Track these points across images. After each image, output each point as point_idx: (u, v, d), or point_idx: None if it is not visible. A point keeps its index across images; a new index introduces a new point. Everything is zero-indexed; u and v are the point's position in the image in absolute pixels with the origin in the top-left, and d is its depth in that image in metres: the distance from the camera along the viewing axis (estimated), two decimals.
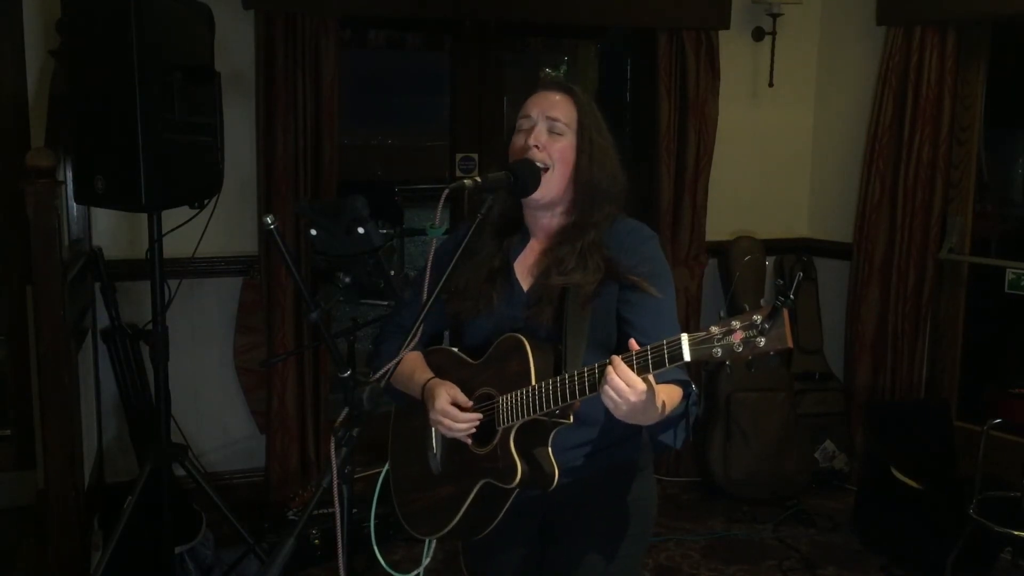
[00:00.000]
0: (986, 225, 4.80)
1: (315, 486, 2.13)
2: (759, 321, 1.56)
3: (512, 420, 1.88)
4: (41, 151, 3.14)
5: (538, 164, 1.98)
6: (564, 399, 1.80)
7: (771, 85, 4.68)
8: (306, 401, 4.10)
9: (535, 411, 1.84)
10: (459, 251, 1.93)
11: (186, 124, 2.93)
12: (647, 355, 1.67)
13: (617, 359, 1.70)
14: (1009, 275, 4.12)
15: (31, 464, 3.86)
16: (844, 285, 4.61)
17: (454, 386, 1.97)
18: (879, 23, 4.40)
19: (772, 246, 4.81)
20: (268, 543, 3.45)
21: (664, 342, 1.65)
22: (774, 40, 4.63)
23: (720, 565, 3.79)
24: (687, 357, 1.62)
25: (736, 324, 1.59)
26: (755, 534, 4.08)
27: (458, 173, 4.50)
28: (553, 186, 2.00)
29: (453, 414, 1.93)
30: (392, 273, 1.80)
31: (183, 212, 3.11)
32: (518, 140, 2.02)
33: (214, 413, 4.13)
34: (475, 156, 4.51)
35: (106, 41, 2.80)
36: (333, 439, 1.76)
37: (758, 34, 4.67)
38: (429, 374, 2.05)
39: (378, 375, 1.83)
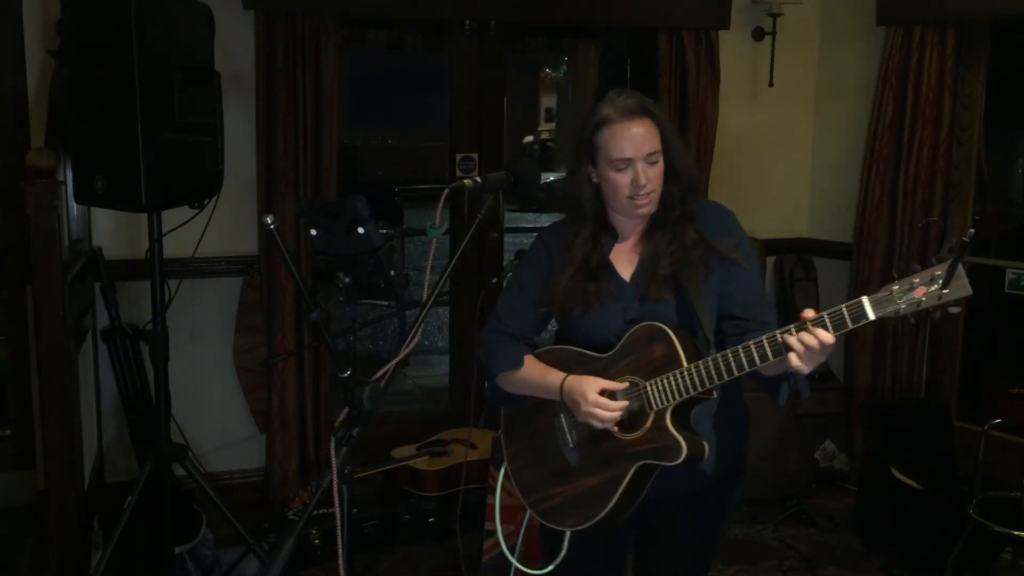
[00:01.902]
0: (986, 225, 4.80)
1: (315, 486, 2.14)
2: (939, 274, 1.69)
3: (668, 401, 1.99)
4: (41, 151, 3.14)
5: (643, 198, 2.07)
6: (728, 374, 1.90)
7: (771, 85, 4.68)
8: (306, 401, 4.10)
9: (692, 391, 1.95)
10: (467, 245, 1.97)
11: (186, 124, 2.93)
12: (824, 320, 1.79)
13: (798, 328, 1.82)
14: (1009, 275, 4.12)
15: (31, 464, 3.86)
16: (844, 285, 4.61)
17: (597, 379, 2.06)
18: (879, 23, 4.40)
19: (772, 246, 4.81)
20: (268, 543, 3.45)
21: (843, 306, 1.78)
22: (774, 40, 4.63)
23: (720, 565, 3.79)
24: (871, 316, 1.74)
25: (917, 280, 1.71)
26: (755, 534, 4.08)
27: (458, 173, 4.50)
28: (654, 204, 2.12)
29: (606, 403, 2.03)
30: (392, 273, 1.80)
31: (183, 212, 3.11)
32: (620, 179, 2.07)
33: (214, 413, 4.13)
34: (475, 156, 4.51)
35: (106, 41, 2.80)
36: (333, 439, 1.77)
37: (758, 34, 4.67)
38: (562, 373, 2.13)
39: (378, 375, 1.83)
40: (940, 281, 1.69)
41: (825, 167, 4.87)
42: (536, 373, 2.17)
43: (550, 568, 2.22)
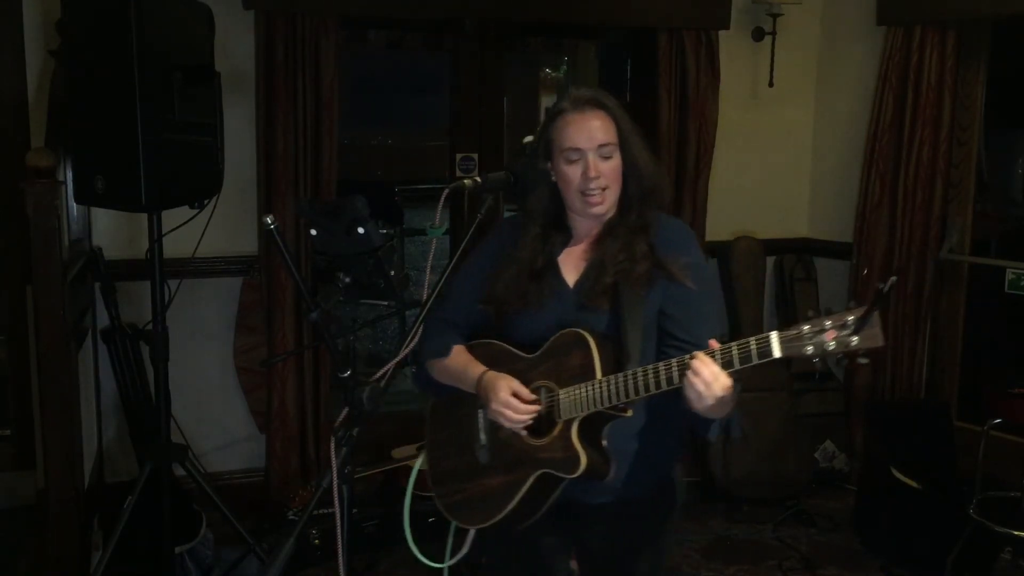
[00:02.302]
0: (986, 225, 4.80)
1: (315, 486, 2.13)
2: (851, 321, 1.61)
3: (576, 412, 1.93)
4: (41, 151, 3.14)
5: (596, 195, 2.01)
6: (636, 393, 1.85)
7: (771, 85, 4.68)
8: (306, 401, 4.10)
9: (601, 404, 1.89)
10: (464, 250, 1.95)
11: (186, 124, 2.93)
12: (732, 351, 1.74)
13: (702, 355, 1.76)
14: (1009, 275, 4.12)
15: (31, 464, 3.86)
16: (844, 285, 4.60)
17: (513, 379, 2.00)
18: (879, 23, 4.40)
19: (772, 246, 4.81)
20: (268, 543, 3.45)
21: (752, 339, 1.71)
22: (774, 40, 4.62)
23: (720, 565, 3.79)
24: (777, 354, 1.68)
25: (828, 323, 1.63)
26: (755, 534, 4.08)
27: (458, 173, 4.50)
28: (610, 203, 2.05)
29: (515, 405, 1.97)
30: (392, 273, 1.80)
31: (183, 212, 3.11)
32: (571, 171, 2.03)
33: (214, 413, 4.13)
34: (475, 156, 4.51)
35: (106, 41, 2.80)
36: (333, 439, 1.76)
37: (758, 34, 4.67)
38: (483, 367, 2.08)
39: (377, 375, 1.83)
40: (852, 327, 1.61)
41: (825, 167, 4.87)
42: (460, 364, 2.11)
43: (451, 562, 2.17)
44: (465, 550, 2.17)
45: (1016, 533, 3.29)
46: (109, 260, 3.74)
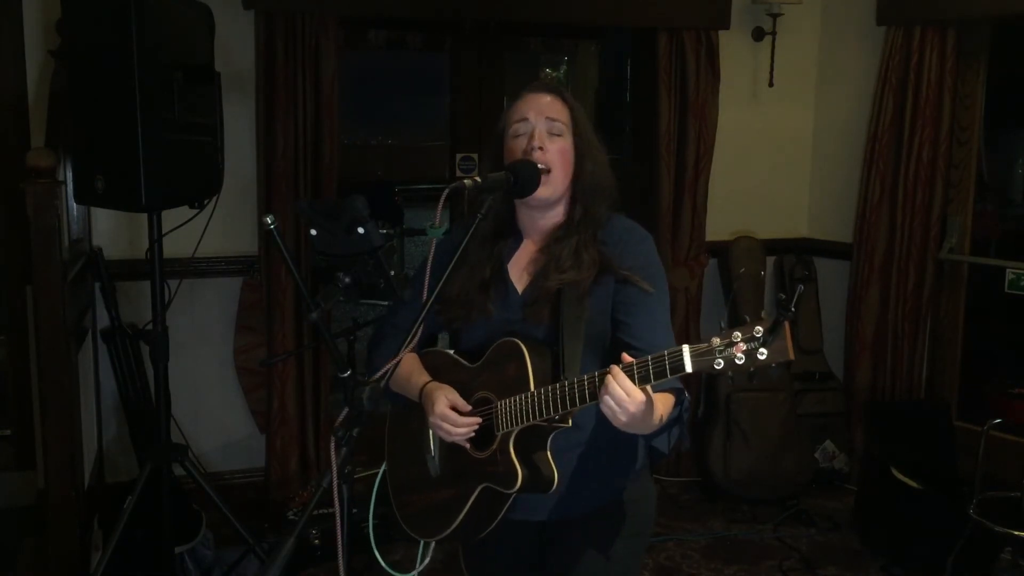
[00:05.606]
0: (986, 225, 4.80)
1: (315, 486, 2.13)
2: (760, 333, 1.57)
3: (511, 425, 1.88)
4: (41, 151, 3.14)
5: (541, 166, 1.96)
6: (564, 406, 1.79)
7: (771, 85, 4.68)
8: (306, 401, 4.10)
9: (534, 417, 1.83)
10: (456, 256, 1.91)
11: (186, 124, 2.93)
12: (648, 366, 1.67)
13: (616, 369, 1.69)
14: (1009, 275, 4.12)
15: (31, 464, 3.86)
16: (844, 285, 4.60)
17: (453, 390, 1.95)
18: (879, 23, 4.40)
19: (772, 246, 4.81)
20: (268, 543, 3.45)
21: (665, 353, 1.65)
22: (774, 40, 4.63)
23: (720, 565, 3.79)
24: (688, 368, 1.63)
25: (738, 336, 1.59)
26: (755, 534, 4.08)
27: (458, 173, 4.50)
28: (556, 186, 1.99)
29: (452, 418, 1.91)
30: (392, 273, 1.79)
31: (183, 212, 3.11)
32: (517, 144, 2.00)
33: (214, 413, 4.13)
34: (475, 156, 4.51)
35: (106, 41, 2.80)
36: (333, 439, 1.76)
37: (758, 34, 4.67)
38: (427, 377, 2.04)
39: (378, 375, 1.83)
40: (760, 340, 1.57)
41: (825, 167, 4.87)
42: (405, 373, 2.05)
43: (412, 574, 2.12)
44: (426, 562, 2.14)
45: (1016, 533, 3.29)
46: (109, 260, 3.74)
